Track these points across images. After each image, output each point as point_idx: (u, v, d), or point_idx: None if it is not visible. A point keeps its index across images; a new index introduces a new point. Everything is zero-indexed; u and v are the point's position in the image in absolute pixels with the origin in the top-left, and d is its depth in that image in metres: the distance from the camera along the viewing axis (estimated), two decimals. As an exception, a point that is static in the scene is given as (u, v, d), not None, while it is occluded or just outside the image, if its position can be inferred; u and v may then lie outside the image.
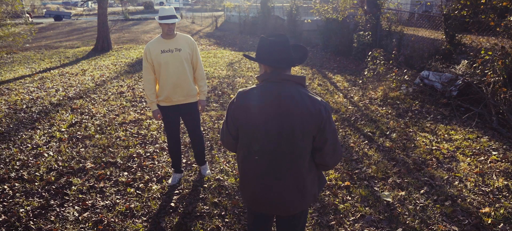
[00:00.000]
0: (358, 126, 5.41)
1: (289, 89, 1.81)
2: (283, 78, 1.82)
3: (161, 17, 3.31)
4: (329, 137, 1.83)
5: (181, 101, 3.55)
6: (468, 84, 6.18)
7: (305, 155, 1.85)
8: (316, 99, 1.81)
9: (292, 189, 1.89)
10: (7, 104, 6.76)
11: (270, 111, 1.80)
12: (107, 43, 13.54)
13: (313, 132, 1.81)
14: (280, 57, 1.81)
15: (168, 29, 3.35)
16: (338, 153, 1.90)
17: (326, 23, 11.56)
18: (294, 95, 1.79)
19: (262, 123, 1.83)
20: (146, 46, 3.45)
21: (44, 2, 42.37)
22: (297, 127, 1.78)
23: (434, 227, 3.09)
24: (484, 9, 7.23)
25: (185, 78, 3.46)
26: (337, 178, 3.91)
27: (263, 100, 1.82)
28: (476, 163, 4.16)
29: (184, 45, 3.46)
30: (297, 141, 1.81)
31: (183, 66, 3.43)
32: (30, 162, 4.43)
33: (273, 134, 1.81)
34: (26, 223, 3.24)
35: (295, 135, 1.79)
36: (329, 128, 1.82)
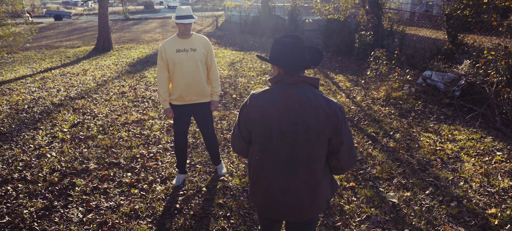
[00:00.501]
0: (362, 126, 5.39)
1: (303, 91, 1.78)
2: (297, 80, 1.79)
3: (178, 16, 3.33)
4: (345, 139, 1.81)
5: (194, 100, 3.56)
6: (471, 84, 6.17)
7: (320, 158, 1.82)
8: (332, 100, 1.80)
9: (306, 193, 1.85)
10: (8, 104, 6.74)
11: (285, 114, 1.77)
12: (108, 43, 13.52)
13: (329, 134, 1.78)
14: (294, 59, 1.79)
15: (184, 29, 3.37)
16: (353, 155, 1.87)
17: (328, 23, 11.54)
18: (309, 97, 1.77)
19: (276, 125, 1.79)
20: (162, 45, 3.47)
21: (44, 2, 42.32)
22: (312, 129, 1.75)
23: (440, 228, 3.08)
24: (487, 9, 7.22)
25: (199, 78, 3.47)
26: (342, 179, 3.90)
27: (277, 102, 1.79)
28: (480, 164, 4.15)
29: (199, 45, 3.47)
30: (313, 143, 1.78)
31: (197, 66, 3.44)
32: (33, 162, 4.41)
33: (288, 137, 1.78)
34: (30, 225, 3.22)
35: (310, 137, 1.76)
36: (345, 130, 1.80)
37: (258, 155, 1.88)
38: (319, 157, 1.82)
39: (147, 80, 8.45)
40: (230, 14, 22.57)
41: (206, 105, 3.64)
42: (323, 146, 1.81)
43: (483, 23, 7.47)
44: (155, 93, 7.38)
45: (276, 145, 1.81)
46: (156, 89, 7.64)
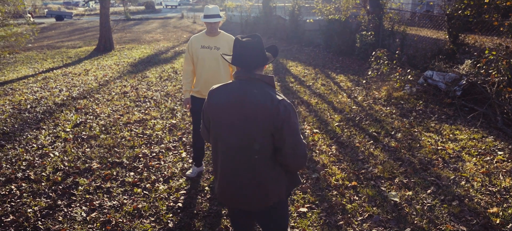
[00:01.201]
0: (363, 125, 5.41)
1: (253, 87, 1.88)
2: (250, 77, 1.90)
3: (205, 15, 3.49)
4: (288, 138, 1.84)
5: None
6: (472, 84, 6.18)
7: (265, 152, 1.89)
8: (278, 98, 1.85)
9: (251, 184, 1.94)
10: (11, 104, 6.77)
11: (232, 108, 1.89)
12: (109, 43, 13.55)
13: (271, 129, 1.83)
14: (248, 58, 1.90)
15: (211, 27, 3.52)
16: (299, 157, 1.90)
17: (328, 23, 11.55)
18: (255, 93, 1.86)
19: (225, 118, 1.92)
20: (190, 39, 3.66)
21: (45, 2, 42.39)
22: (255, 124, 1.84)
23: (442, 227, 3.09)
24: (488, 9, 7.23)
25: (218, 76, 3.54)
26: (344, 178, 3.92)
27: (228, 97, 1.91)
28: (482, 163, 4.16)
29: (224, 44, 3.56)
30: (256, 138, 1.86)
31: (218, 64, 3.53)
32: (36, 162, 4.43)
33: (234, 130, 1.89)
34: (34, 223, 3.25)
35: (254, 132, 1.85)
36: (288, 128, 1.83)
37: (213, 145, 2.02)
38: (263, 151, 1.88)
39: (149, 80, 8.47)
40: (231, 14, 22.60)
41: None
42: (267, 141, 1.86)
43: (484, 23, 7.48)
44: (156, 93, 7.40)
45: (224, 137, 1.92)
46: (158, 89, 7.67)
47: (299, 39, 13.87)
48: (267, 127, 1.83)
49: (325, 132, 5.22)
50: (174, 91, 7.48)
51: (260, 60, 1.92)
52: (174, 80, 8.43)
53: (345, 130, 5.28)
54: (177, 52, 12.66)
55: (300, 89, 7.50)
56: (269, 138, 1.86)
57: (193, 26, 22.63)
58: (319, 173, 4.03)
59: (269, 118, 1.81)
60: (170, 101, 6.85)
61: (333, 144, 4.83)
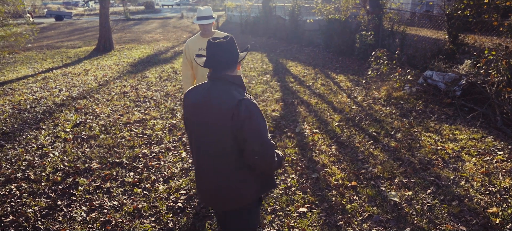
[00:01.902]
0: (363, 125, 5.41)
1: (220, 87, 1.91)
2: (218, 77, 1.93)
3: (198, 17, 3.47)
4: (249, 138, 1.82)
5: None
6: (471, 84, 6.19)
7: (229, 152, 1.88)
8: (240, 98, 1.84)
9: (217, 185, 1.95)
10: (11, 104, 6.77)
11: (201, 109, 1.93)
12: (109, 43, 13.55)
13: (232, 129, 1.83)
14: (218, 59, 1.92)
15: (204, 29, 3.51)
16: (264, 158, 1.85)
17: (328, 23, 11.55)
18: (219, 93, 1.88)
19: (195, 119, 1.96)
20: (186, 43, 3.65)
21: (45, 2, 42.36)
22: (218, 124, 1.85)
23: (442, 226, 3.09)
24: (487, 9, 7.23)
25: None
26: (343, 178, 3.92)
27: (197, 98, 1.96)
28: (481, 163, 4.17)
29: None
30: (220, 137, 1.87)
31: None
32: (36, 162, 4.43)
33: (202, 130, 1.93)
34: (34, 223, 3.25)
35: (217, 132, 1.87)
36: (249, 128, 1.81)
37: (189, 144, 2.08)
38: (227, 151, 1.88)
39: (149, 81, 8.47)
40: (231, 14, 22.60)
41: None
42: (230, 140, 1.86)
43: (483, 23, 7.48)
44: (156, 93, 7.40)
45: (195, 137, 1.97)
46: (158, 90, 7.66)
47: (299, 39, 13.87)
48: (229, 126, 1.83)
49: (325, 132, 5.22)
50: (174, 91, 7.48)
51: (230, 61, 1.93)
52: (173, 80, 8.43)
53: (345, 129, 5.28)
54: (177, 52, 12.66)
55: (300, 89, 7.50)
56: (232, 138, 1.85)
57: (192, 26, 22.63)
58: (319, 173, 4.03)
59: (230, 117, 1.81)
60: (170, 101, 6.85)
61: (333, 144, 4.83)
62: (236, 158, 1.89)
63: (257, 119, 1.83)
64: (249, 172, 1.94)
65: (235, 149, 1.87)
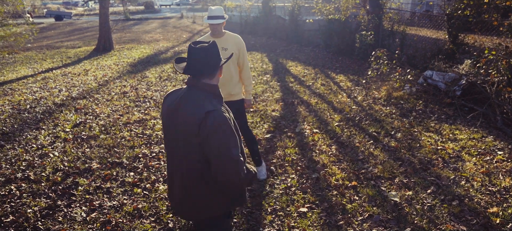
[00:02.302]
0: (363, 125, 5.41)
1: (193, 95, 1.84)
2: (193, 84, 1.87)
3: (208, 17, 3.42)
4: (214, 150, 1.74)
5: (224, 99, 3.58)
6: (471, 84, 6.18)
7: (196, 163, 1.82)
8: (209, 107, 1.77)
9: (182, 196, 1.90)
10: (10, 104, 6.76)
11: (171, 115, 1.87)
12: (109, 43, 13.54)
13: (197, 139, 1.76)
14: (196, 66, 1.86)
15: (214, 29, 3.44)
16: (228, 175, 1.76)
17: (328, 23, 11.55)
18: (189, 101, 1.81)
19: (167, 125, 1.91)
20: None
21: (44, 2, 42.34)
22: (186, 132, 1.79)
23: (442, 226, 3.09)
24: (487, 8, 7.23)
25: (229, 78, 3.50)
26: (344, 178, 3.92)
27: (170, 103, 1.91)
28: (482, 163, 4.16)
29: (231, 44, 3.49)
30: (187, 147, 1.80)
31: (227, 66, 3.47)
32: (36, 162, 4.43)
33: (172, 136, 1.88)
34: (34, 224, 3.24)
35: (185, 140, 1.81)
36: (214, 141, 1.73)
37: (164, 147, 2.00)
38: (193, 161, 1.82)
39: (148, 81, 8.47)
40: (231, 14, 22.57)
41: (237, 104, 3.64)
42: (195, 150, 1.79)
43: (483, 23, 7.48)
44: (156, 93, 7.40)
45: (167, 140, 1.94)
46: (158, 90, 7.66)
47: (298, 39, 13.87)
48: (195, 137, 1.76)
49: (325, 132, 5.22)
50: (174, 91, 7.47)
51: (207, 69, 1.85)
52: (174, 81, 8.42)
53: (345, 129, 5.28)
54: (177, 52, 12.65)
55: (299, 89, 7.50)
56: (199, 149, 1.78)
57: (192, 26, 22.63)
58: (319, 173, 4.03)
59: (197, 128, 1.74)
60: (169, 101, 6.84)
61: (333, 143, 4.83)
62: (203, 170, 1.83)
63: (224, 133, 1.75)
64: (216, 185, 1.87)
65: (202, 160, 1.80)
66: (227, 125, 1.77)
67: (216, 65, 1.88)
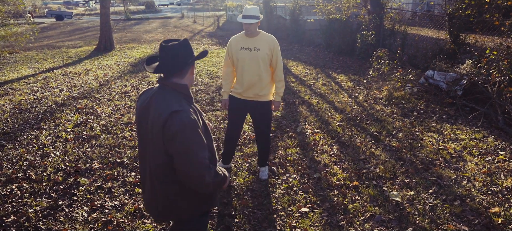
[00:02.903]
0: (364, 125, 5.40)
1: (162, 94, 1.81)
2: (164, 83, 1.85)
3: (243, 16, 3.36)
4: (177, 154, 1.70)
5: (251, 98, 3.56)
6: (473, 84, 6.18)
7: (163, 164, 1.79)
8: (176, 108, 1.72)
9: (149, 196, 1.89)
10: (11, 104, 6.77)
11: (141, 114, 1.87)
12: (109, 43, 13.54)
13: (162, 139, 1.74)
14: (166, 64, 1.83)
15: (246, 29, 3.38)
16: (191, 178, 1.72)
17: (329, 23, 11.55)
18: (160, 100, 1.78)
19: (138, 123, 1.92)
20: (230, 40, 3.57)
21: (45, 2, 42.38)
22: (151, 132, 1.78)
23: (444, 226, 3.09)
24: (489, 8, 7.22)
25: (260, 79, 3.46)
26: (345, 178, 3.91)
27: (142, 102, 1.89)
28: (483, 163, 4.16)
29: (264, 45, 3.43)
30: (154, 147, 1.78)
31: (258, 66, 3.42)
32: (37, 162, 4.43)
33: (140, 136, 1.88)
34: (35, 223, 3.24)
35: (152, 140, 1.79)
36: (179, 143, 1.69)
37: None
38: (160, 161, 1.79)
39: (150, 80, 8.47)
40: (231, 14, 22.59)
41: (264, 105, 3.60)
42: (162, 151, 1.76)
43: (485, 22, 7.47)
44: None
45: (139, 141, 1.93)
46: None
47: (299, 39, 13.86)
48: (160, 137, 1.73)
49: (326, 132, 5.21)
50: (175, 91, 7.48)
51: (177, 67, 1.81)
52: (174, 80, 8.42)
53: (346, 129, 5.27)
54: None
55: (301, 89, 7.50)
56: (165, 150, 1.75)
57: (193, 26, 22.63)
58: (321, 173, 4.03)
59: (160, 127, 1.71)
60: (170, 101, 6.84)
61: (334, 143, 4.82)
62: (170, 170, 1.79)
63: (189, 135, 1.69)
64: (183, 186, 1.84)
65: (168, 161, 1.76)
66: (193, 126, 1.72)
67: (184, 64, 1.83)
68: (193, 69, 1.93)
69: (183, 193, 1.85)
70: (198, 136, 1.73)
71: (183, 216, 1.93)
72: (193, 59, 1.88)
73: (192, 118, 1.72)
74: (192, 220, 1.98)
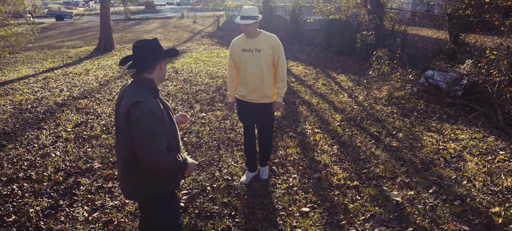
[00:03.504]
0: (364, 125, 5.41)
1: (131, 87, 2.08)
2: (134, 78, 2.10)
3: (240, 17, 3.27)
4: (136, 140, 1.95)
5: (255, 100, 3.50)
6: (473, 83, 6.18)
7: (126, 147, 2.04)
8: (138, 99, 1.96)
9: (121, 177, 2.18)
10: (12, 104, 6.77)
11: (117, 105, 2.14)
12: (109, 43, 13.54)
13: (127, 129, 1.98)
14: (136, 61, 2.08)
15: (244, 29, 3.31)
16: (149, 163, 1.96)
17: (329, 23, 11.55)
18: (129, 93, 2.04)
19: (115, 114, 2.18)
20: (231, 42, 3.50)
21: (45, 2, 42.38)
22: (121, 121, 2.04)
23: (444, 226, 3.09)
24: (488, 8, 7.22)
25: (263, 80, 3.39)
26: (345, 178, 3.92)
27: (119, 95, 2.16)
28: (483, 163, 4.16)
29: (265, 45, 3.35)
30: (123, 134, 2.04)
31: (261, 68, 3.35)
32: (37, 162, 4.43)
33: (116, 126, 2.14)
34: (36, 223, 3.25)
35: (120, 128, 2.06)
36: (138, 130, 1.93)
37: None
38: (126, 146, 2.04)
39: (150, 80, 8.46)
40: (231, 14, 22.60)
41: (266, 106, 3.55)
42: (127, 137, 2.01)
43: (485, 23, 7.48)
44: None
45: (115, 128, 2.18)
46: (159, 89, 7.66)
47: (299, 39, 13.87)
48: (125, 124, 1.98)
49: (326, 132, 5.22)
50: (175, 91, 7.48)
51: (146, 63, 2.06)
52: (174, 80, 8.43)
53: (347, 129, 5.28)
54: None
55: (301, 89, 7.50)
56: (128, 135, 2.00)
57: (193, 26, 22.63)
58: (321, 173, 4.03)
59: (126, 116, 1.96)
60: (171, 101, 6.85)
61: (335, 143, 4.83)
62: (134, 155, 2.03)
63: (147, 123, 1.92)
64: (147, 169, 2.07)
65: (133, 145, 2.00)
66: (152, 115, 1.94)
67: (153, 60, 2.07)
68: (162, 66, 2.15)
69: (146, 175, 2.09)
70: (155, 124, 1.95)
71: (147, 196, 2.18)
72: (160, 57, 2.11)
73: (152, 108, 1.94)
74: (155, 200, 2.21)
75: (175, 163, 2.02)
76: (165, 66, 2.19)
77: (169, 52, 2.16)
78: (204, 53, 12.29)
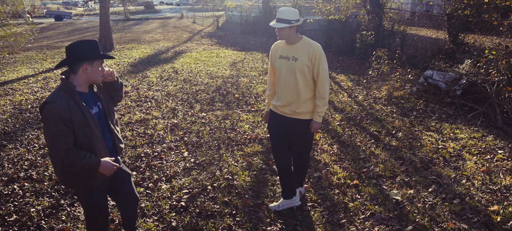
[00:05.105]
0: (364, 125, 5.43)
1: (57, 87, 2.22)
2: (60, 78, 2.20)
3: (276, 19, 2.92)
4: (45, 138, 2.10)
5: (286, 114, 3.09)
6: (472, 83, 6.21)
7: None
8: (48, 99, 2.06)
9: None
10: (12, 104, 6.78)
11: None
12: (109, 43, 13.55)
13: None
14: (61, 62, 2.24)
15: (278, 34, 2.94)
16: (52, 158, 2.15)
17: (329, 23, 11.58)
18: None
19: None
20: (272, 46, 3.15)
21: (44, 2, 42.34)
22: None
23: (443, 224, 3.11)
24: (487, 8, 7.26)
25: (296, 92, 2.97)
26: (345, 177, 3.94)
27: None
28: (482, 162, 4.19)
29: (303, 54, 2.89)
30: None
31: (295, 78, 2.93)
32: (38, 161, 4.44)
33: None
34: (37, 222, 3.26)
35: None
36: (44, 129, 2.08)
37: None
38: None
39: (150, 80, 8.48)
40: (231, 14, 22.62)
41: (303, 123, 3.07)
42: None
43: (484, 23, 7.51)
44: (157, 93, 7.41)
45: None
46: (159, 89, 7.68)
47: (299, 39, 13.86)
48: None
49: (326, 131, 5.24)
50: (175, 91, 7.50)
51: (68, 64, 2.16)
52: (175, 80, 8.44)
53: (346, 129, 5.30)
54: (177, 52, 12.67)
55: (300, 89, 7.51)
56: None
57: (193, 26, 22.65)
58: (321, 172, 4.05)
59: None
60: (171, 101, 6.86)
61: (334, 143, 4.85)
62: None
63: (49, 124, 2.03)
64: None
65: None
66: (52, 117, 2.01)
67: (72, 63, 2.13)
68: (86, 69, 2.15)
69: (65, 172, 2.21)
70: (58, 126, 2.03)
71: (72, 189, 2.38)
72: (83, 59, 2.13)
73: (58, 110, 2.01)
74: (80, 194, 2.40)
75: (79, 162, 2.10)
76: (94, 67, 2.17)
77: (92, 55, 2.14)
78: (203, 53, 12.31)
